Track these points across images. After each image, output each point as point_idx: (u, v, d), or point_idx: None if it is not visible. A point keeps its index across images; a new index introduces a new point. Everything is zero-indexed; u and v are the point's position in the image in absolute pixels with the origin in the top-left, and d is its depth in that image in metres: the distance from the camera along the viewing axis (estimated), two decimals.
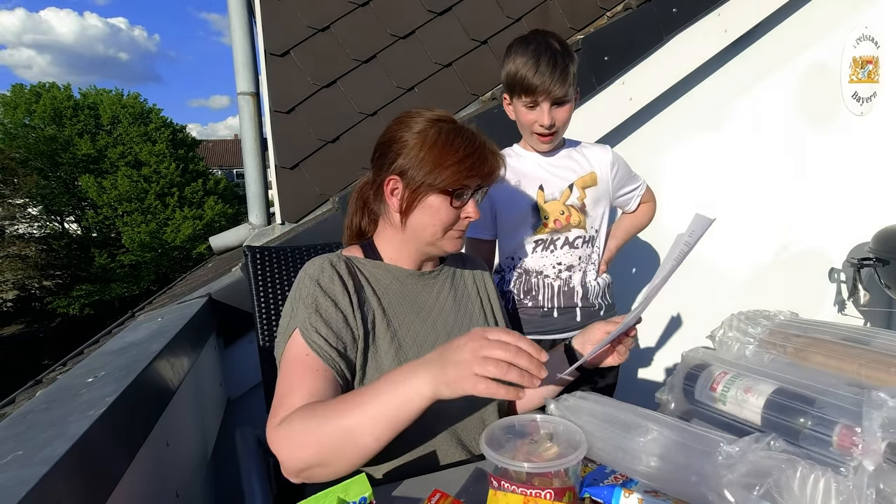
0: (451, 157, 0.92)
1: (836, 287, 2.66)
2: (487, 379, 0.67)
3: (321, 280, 0.91)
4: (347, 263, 0.97)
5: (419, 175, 0.93)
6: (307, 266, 0.95)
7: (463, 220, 0.98)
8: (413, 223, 0.97)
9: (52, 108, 15.75)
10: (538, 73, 1.24)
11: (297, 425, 0.75)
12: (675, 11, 2.02)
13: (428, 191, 0.94)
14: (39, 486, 0.51)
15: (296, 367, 0.83)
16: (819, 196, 2.51)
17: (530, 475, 0.64)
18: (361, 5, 2.04)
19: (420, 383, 0.71)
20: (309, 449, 0.73)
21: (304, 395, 0.79)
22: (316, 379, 0.82)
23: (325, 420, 0.74)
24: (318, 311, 0.88)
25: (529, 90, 1.26)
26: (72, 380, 0.88)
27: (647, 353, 2.31)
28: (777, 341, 0.87)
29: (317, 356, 0.84)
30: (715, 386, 0.77)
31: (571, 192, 1.37)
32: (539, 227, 1.37)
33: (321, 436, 0.73)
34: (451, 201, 0.95)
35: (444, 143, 0.93)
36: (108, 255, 15.52)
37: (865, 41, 2.51)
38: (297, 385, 0.81)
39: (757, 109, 2.35)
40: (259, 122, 2.25)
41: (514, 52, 1.30)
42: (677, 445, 0.61)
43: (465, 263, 1.16)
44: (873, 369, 0.73)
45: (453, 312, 1.05)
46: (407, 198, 0.95)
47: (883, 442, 0.55)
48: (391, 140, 0.97)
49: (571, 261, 1.38)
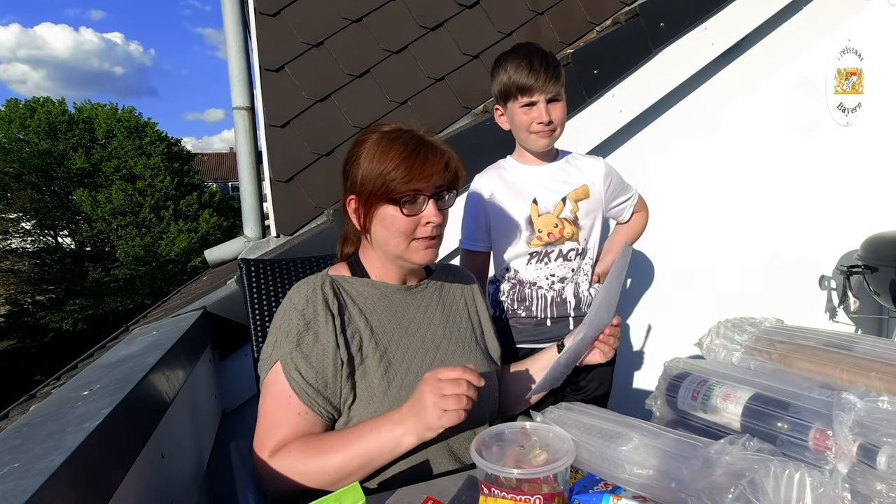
0: (389, 163, 0.91)
1: (826, 294, 2.69)
2: (450, 411, 0.80)
3: (305, 312, 0.92)
4: (333, 284, 0.97)
5: (367, 188, 0.93)
6: (292, 294, 0.96)
7: (424, 227, 0.95)
8: (377, 237, 0.97)
9: (47, 123, 15.75)
10: (532, 72, 1.28)
11: (290, 462, 0.85)
12: (663, 26, 2.07)
13: (377, 202, 0.94)
14: (36, 498, 0.51)
15: (281, 404, 0.89)
16: (808, 205, 2.55)
17: (520, 481, 0.65)
18: (355, 21, 2.07)
19: (403, 434, 0.84)
20: (300, 485, 0.84)
21: (290, 434, 0.88)
22: (299, 421, 0.89)
23: (318, 461, 0.84)
24: (299, 347, 0.90)
25: (525, 90, 1.30)
26: (67, 393, 0.89)
27: (639, 361, 2.32)
28: (762, 348, 0.89)
29: (299, 400, 0.88)
30: (695, 395, 0.79)
31: (564, 206, 1.39)
32: (533, 239, 1.38)
33: (314, 475, 0.84)
34: (401, 210, 0.93)
35: (384, 152, 0.92)
36: (102, 269, 15.43)
37: (849, 53, 2.57)
38: (284, 422, 0.89)
39: (745, 120, 2.39)
40: (254, 136, 2.27)
41: (505, 62, 1.34)
42: (657, 452, 0.62)
43: (454, 276, 1.16)
44: (855, 374, 0.75)
45: (441, 326, 1.05)
46: (364, 214, 0.96)
47: (854, 443, 0.56)
48: (347, 159, 0.99)
49: (565, 273, 1.40)
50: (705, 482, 0.53)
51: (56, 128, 15.98)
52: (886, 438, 0.56)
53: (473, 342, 1.09)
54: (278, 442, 0.87)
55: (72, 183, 15.86)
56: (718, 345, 0.93)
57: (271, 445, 0.87)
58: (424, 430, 0.82)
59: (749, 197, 2.44)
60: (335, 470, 0.84)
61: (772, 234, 2.51)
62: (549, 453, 0.71)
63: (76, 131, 16.22)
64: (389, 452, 0.85)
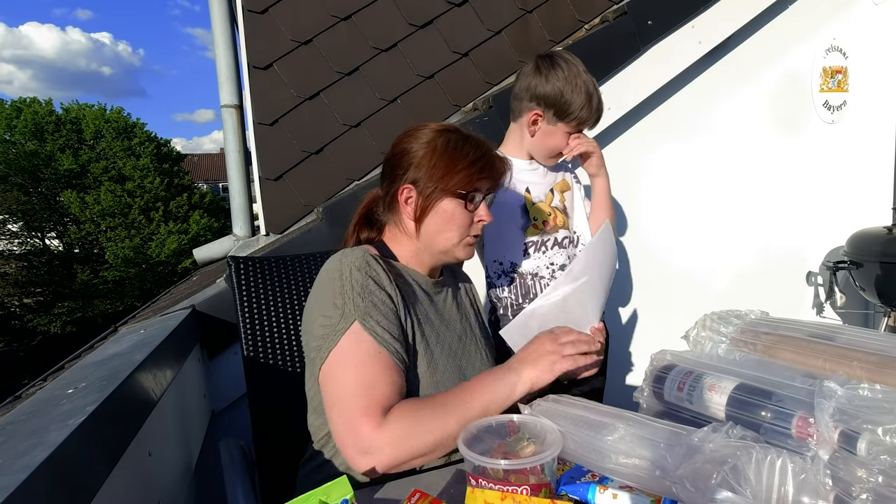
0: (461, 161, 0.95)
1: (813, 290, 2.72)
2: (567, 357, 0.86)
3: (369, 271, 0.90)
4: (378, 260, 0.94)
5: (432, 181, 0.95)
6: (342, 257, 0.92)
7: (476, 225, 1.01)
8: (428, 229, 0.98)
9: (34, 124, 15.54)
10: (597, 110, 1.35)
11: (406, 424, 0.80)
12: (651, 24, 2.08)
13: (441, 195, 0.96)
14: (19, 492, 0.51)
15: (370, 365, 0.84)
16: (795, 202, 2.58)
17: (507, 472, 0.65)
18: (343, 19, 2.07)
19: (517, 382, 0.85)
20: (419, 448, 0.80)
21: (390, 392, 0.83)
22: (395, 376, 0.85)
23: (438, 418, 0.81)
24: (375, 305, 0.87)
25: (583, 123, 1.35)
26: (53, 391, 0.88)
27: (629, 356, 2.34)
28: (747, 339, 0.90)
29: (389, 355, 0.86)
30: (681, 386, 0.79)
31: (553, 196, 1.44)
32: (529, 227, 1.40)
33: (434, 434, 0.80)
34: (465, 205, 0.97)
35: (455, 149, 0.96)
36: (90, 272, 15.26)
37: (834, 52, 2.60)
38: (379, 381, 0.83)
39: (732, 118, 2.42)
40: (243, 135, 2.26)
41: (577, 80, 1.33)
42: (642, 441, 0.63)
43: (456, 275, 1.19)
44: (837, 363, 0.76)
45: (459, 320, 1.08)
46: (421, 204, 0.97)
47: (836, 430, 0.57)
48: (401, 153, 1.00)
49: (563, 260, 1.43)
50: (689, 469, 0.53)
51: (43, 128, 15.77)
52: (866, 425, 0.57)
53: (483, 336, 1.13)
54: (383, 404, 0.81)
55: (59, 184, 15.67)
56: (705, 337, 0.94)
57: (377, 411, 0.79)
58: (540, 374, 0.85)
59: (737, 194, 2.46)
60: (456, 424, 0.79)
61: (760, 231, 2.53)
62: (537, 445, 0.71)
63: (63, 132, 16.01)
64: (504, 400, 0.84)
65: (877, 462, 0.56)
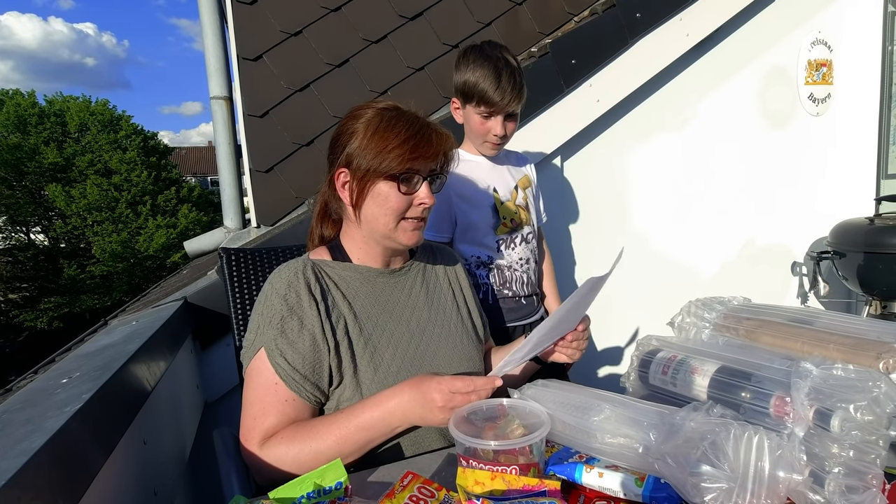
0: (392, 140, 0.91)
1: (798, 280, 2.78)
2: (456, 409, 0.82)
3: (288, 297, 0.91)
4: (314, 269, 0.96)
5: (364, 162, 0.92)
6: (273, 278, 0.95)
7: (416, 208, 0.96)
8: (366, 214, 0.96)
9: (16, 116, 15.24)
10: (499, 88, 1.31)
11: (282, 450, 0.84)
12: (639, 16, 2.10)
13: (374, 178, 0.93)
14: (18, 476, 0.52)
15: (267, 392, 0.88)
16: (780, 193, 2.62)
17: (497, 453, 0.67)
18: (333, 10, 2.06)
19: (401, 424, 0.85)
20: (294, 471, 0.83)
21: (278, 422, 0.87)
22: (287, 408, 0.88)
23: (313, 445, 0.84)
24: (283, 333, 0.89)
25: (489, 103, 1.33)
26: (46, 382, 0.89)
27: (617, 345, 2.37)
28: (730, 324, 0.93)
29: (285, 386, 0.88)
30: (666, 370, 0.82)
31: (517, 193, 1.50)
32: (499, 226, 1.46)
33: (309, 462, 0.82)
34: (398, 187, 0.93)
35: (386, 128, 0.92)
36: (77, 266, 15.06)
37: (819, 45, 2.64)
38: (271, 410, 0.87)
39: (719, 110, 2.45)
40: (233, 126, 2.25)
41: (474, 63, 1.34)
42: (627, 421, 0.65)
43: (436, 256, 1.16)
44: (814, 346, 0.79)
45: (426, 309, 1.05)
46: (356, 188, 0.94)
47: (811, 408, 0.60)
48: (339, 133, 0.98)
49: (528, 255, 1.51)
50: (671, 446, 0.56)
51: (26, 121, 15.48)
52: (840, 403, 0.60)
53: (459, 323, 1.10)
54: (267, 431, 0.86)
55: (44, 178, 15.41)
56: (689, 323, 0.97)
57: (260, 435, 0.86)
58: (425, 424, 0.85)
59: (724, 185, 2.50)
60: (332, 454, 0.82)
61: (746, 222, 2.57)
62: (526, 427, 0.73)
63: (47, 125, 15.73)
64: (385, 435, 0.86)
65: (849, 437, 0.58)
